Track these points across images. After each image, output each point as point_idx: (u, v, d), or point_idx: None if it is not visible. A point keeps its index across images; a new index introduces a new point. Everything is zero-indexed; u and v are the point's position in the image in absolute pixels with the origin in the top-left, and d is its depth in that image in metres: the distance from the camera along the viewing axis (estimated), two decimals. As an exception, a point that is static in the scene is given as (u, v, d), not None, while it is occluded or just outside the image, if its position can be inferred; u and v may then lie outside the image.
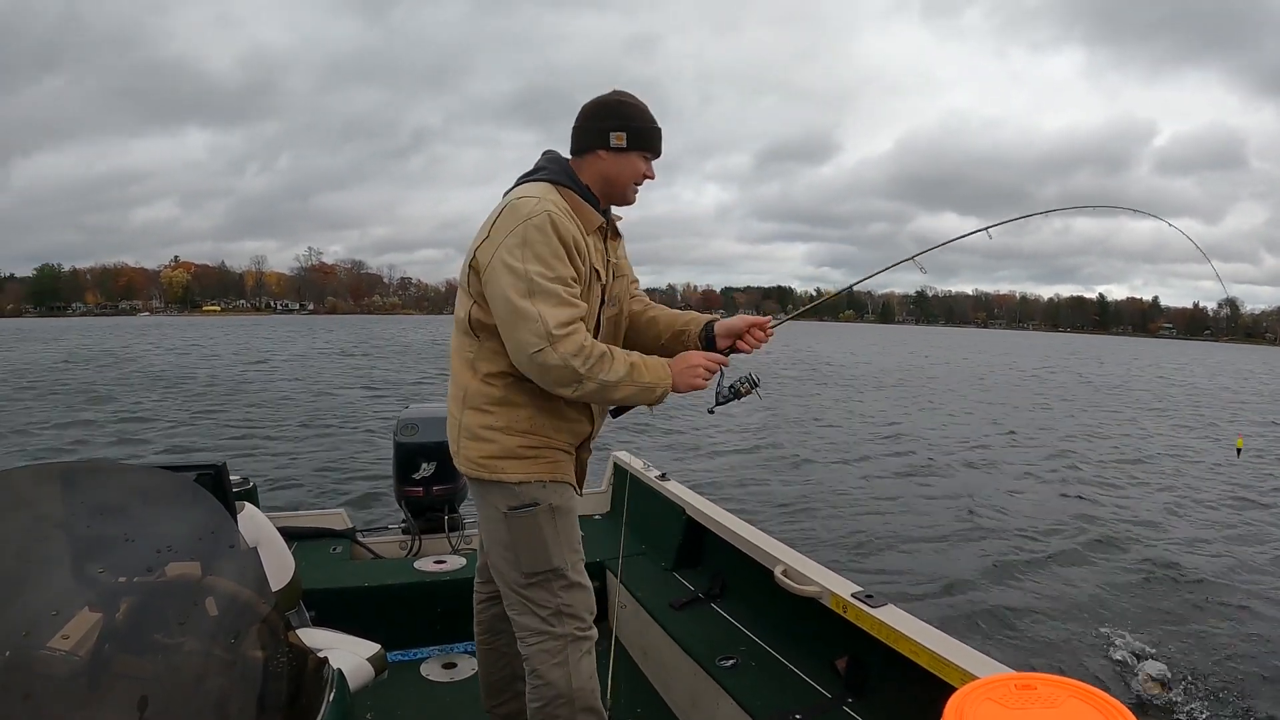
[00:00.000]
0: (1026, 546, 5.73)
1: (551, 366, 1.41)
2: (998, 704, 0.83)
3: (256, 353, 27.12)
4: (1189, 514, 6.95)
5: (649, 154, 1.58)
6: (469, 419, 1.54)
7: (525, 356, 1.42)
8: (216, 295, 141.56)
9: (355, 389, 15.62)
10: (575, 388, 1.43)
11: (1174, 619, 4.41)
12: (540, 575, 1.56)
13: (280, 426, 10.51)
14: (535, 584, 1.56)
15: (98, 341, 34.42)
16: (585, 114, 1.56)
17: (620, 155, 1.54)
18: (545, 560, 1.55)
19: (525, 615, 1.58)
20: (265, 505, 2.41)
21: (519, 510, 1.53)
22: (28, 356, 24.14)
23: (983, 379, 23.23)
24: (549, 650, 1.57)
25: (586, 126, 1.56)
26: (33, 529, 0.94)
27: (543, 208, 1.44)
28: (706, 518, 2.40)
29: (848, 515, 6.50)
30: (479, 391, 1.54)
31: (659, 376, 1.50)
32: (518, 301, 1.41)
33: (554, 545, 1.56)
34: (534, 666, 1.58)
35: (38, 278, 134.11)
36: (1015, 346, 59.58)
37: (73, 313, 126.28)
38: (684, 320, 1.75)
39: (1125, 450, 10.48)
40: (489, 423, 1.53)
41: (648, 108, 1.58)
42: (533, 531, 1.54)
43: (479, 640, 1.83)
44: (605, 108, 1.55)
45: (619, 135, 1.53)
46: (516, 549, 1.55)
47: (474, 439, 1.54)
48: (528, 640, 1.58)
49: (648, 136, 1.56)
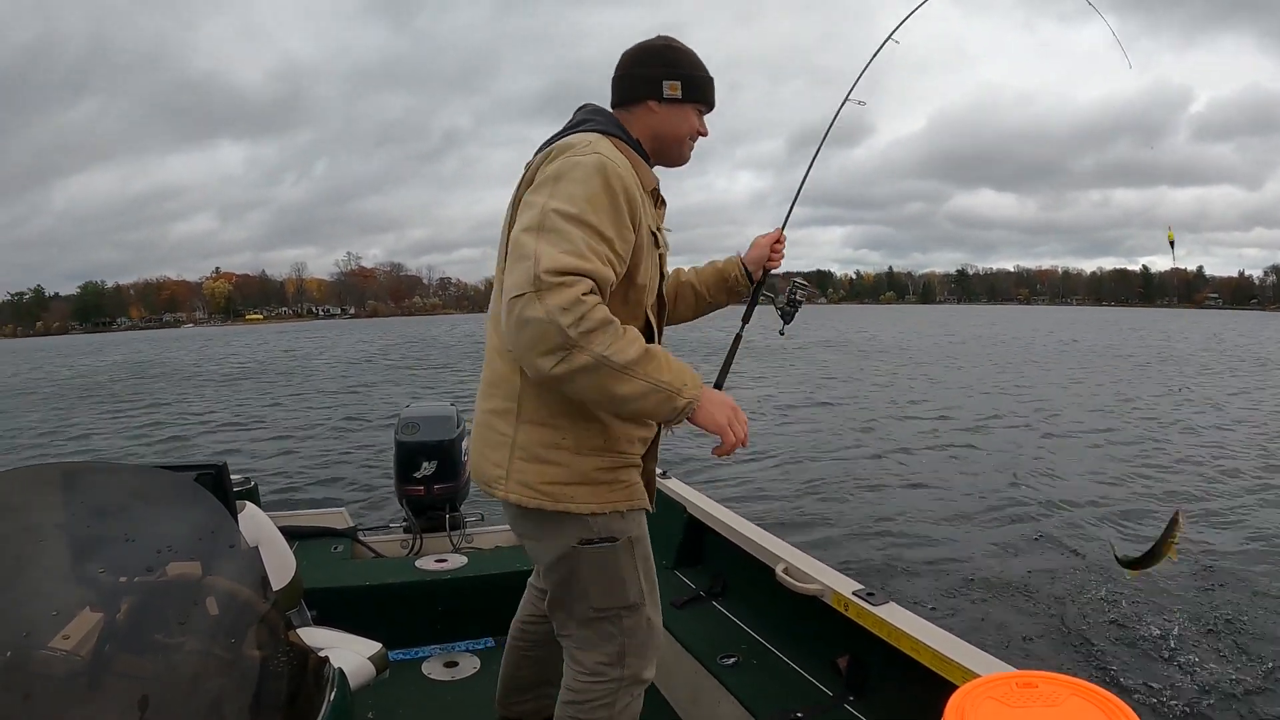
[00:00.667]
0: (1027, 544, 5.72)
1: (530, 320, 1.08)
2: (999, 702, 0.84)
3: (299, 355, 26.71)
4: (1208, 509, 6.92)
5: (704, 107, 1.40)
6: (526, 436, 1.27)
7: (504, 308, 1.13)
8: (258, 304, 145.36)
9: (357, 390, 15.64)
10: (559, 357, 1.09)
11: (1176, 618, 4.40)
12: (612, 611, 1.35)
13: (280, 426, 10.53)
14: (604, 619, 1.36)
15: (162, 353, 34.30)
16: (631, 60, 1.37)
17: (675, 107, 1.35)
18: (622, 596, 1.35)
19: (584, 650, 1.38)
20: (266, 505, 2.42)
21: (595, 546, 1.31)
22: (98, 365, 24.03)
23: (1001, 357, 23.26)
24: (598, 695, 1.37)
25: (634, 74, 1.36)
26: (33, 529, 0.94)
27: (595, 149, 1.21)
28: (707, 515, 2.40)
29: (848, 514, 6.50)
30: (539, 400, 1.26)
31: (684, 381, 1.18)
32: (519, 237, 1.15)
33: (631, 580, 1.35)
34: (576, 703, 1.39)
35: (82, 295, 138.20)
36: (1057, 323, 58.44)
37: (118, 327, 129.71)
38: (719, 268, 1.62)
39: (1153, 439, 10.33)
40: (555, 440, 1.27)
41: (698, 55, 1.39)
42: (609, 567, 1.33)
43: (515, 640, 1.66)
44: (654, 53, 1.36)
45: (673, 85, 1.34)
46: (586, 584, 1.34)
47: (534, 460, 1.27)
48: (579, 676, 1.39)
49: (703, 86, 1.38)
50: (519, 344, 1.12)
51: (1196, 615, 4.41)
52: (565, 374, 1.11)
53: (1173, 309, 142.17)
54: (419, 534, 2.90)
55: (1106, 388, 15.85)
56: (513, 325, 1.12)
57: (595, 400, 1.19)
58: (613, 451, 1.31)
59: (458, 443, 3.04)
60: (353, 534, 2.85)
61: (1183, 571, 5.16)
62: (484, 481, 1.34)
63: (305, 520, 2.87)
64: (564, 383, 1.14)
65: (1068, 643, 4.03)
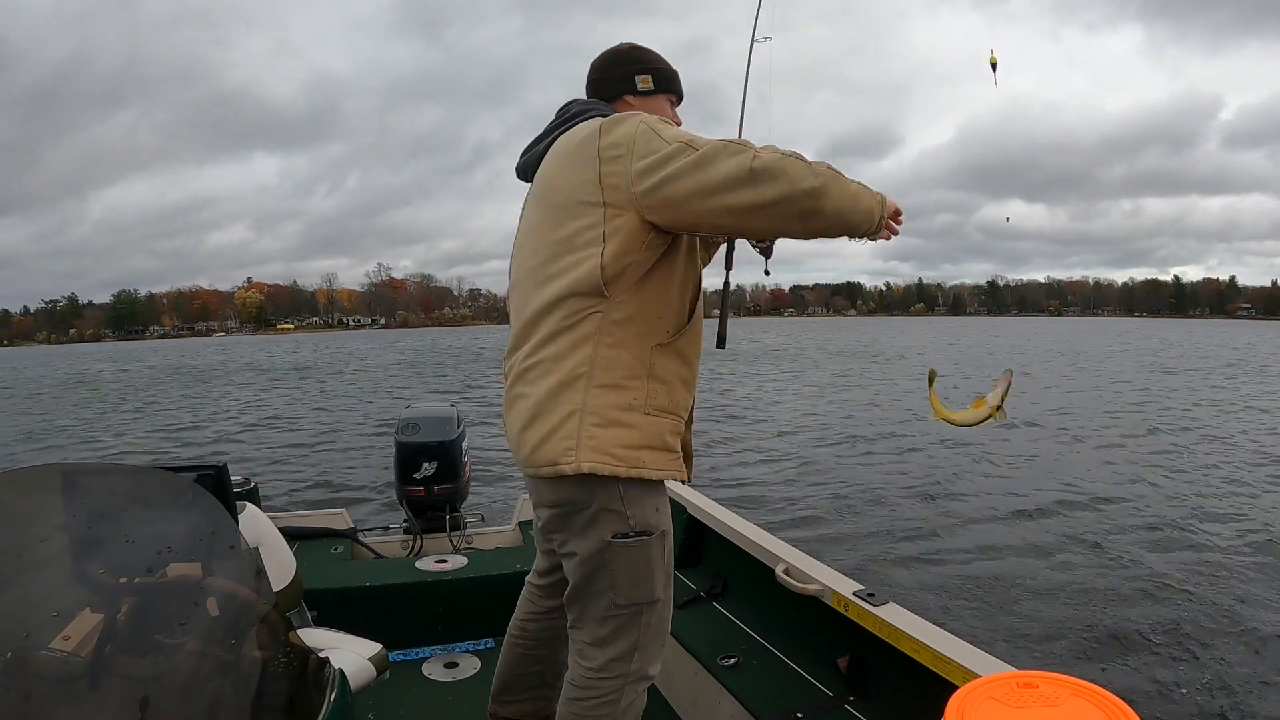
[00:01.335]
0: (1028, 544, 5.72)
1: (778, 159, 1.17)
2: (999, 702, 0.83)
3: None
4: (1208, 510, 6.92)
5: (674, 97, 1.52)
6: (599, 400, 1.27)
7: (744, 172, 1.17)
8: (290, 314, 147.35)
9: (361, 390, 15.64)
10: (812, 171, 1.18)
11: (1178, 617, 4.40)
12: (635, 606, 1.36)
13: (281, 425, 10.52)
14: (626, 613, 1.36)
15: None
16: (603, 64, 1.50)
17: (649, 98, 1.47)
18: (649, 591, 1.36)
19: (597, 645, 1.38)
20: (266, 505, 2.42)
21: (631, 539, 1.32)
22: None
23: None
24: (604, 691, 1.37)
25: (609, 74, 1.49)
26: (33, 530, 0.94)
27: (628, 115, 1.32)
28: (708, 515, 2.40)
29: (849, 513, 6.50)
30: (611, 364, 1.28)
31: (865, 190, 1.25)
32: (681, 151, 1.21)
33: (660, 575, 1.37)
34: (580, 699, 1.39)
35: (115, 303, 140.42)
36: (1080, 333, 58.01)
37: (150, 335, 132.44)
38: None
39: (1155, 442, 10.34)
40: (628, 401, 1.28)
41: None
42: (641, 561, 1.34)
43: (514, 638, 1.65)
44: (624, 54, 1.50)
45: (644, 78, 1.47)
46: (616, 577, 1.34)
47: (608, 424, 1.27)
48: (586, 671, 1.38)
49: (671, 77, 1.51)
50: (780, 185, 1.17)
51: (1197, 615, 4.40)
52: (819, 186, 1.18)
53: (1204, 319, 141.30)
54: (419, 534, 2.90)
55: (1110, 389, 15.84)
56: (767, 178, 1.16)
57: (834, 205, 1.21)
58: (674, 415, 1.35)
59: (458, 443, 3.04)
60: (353, 534, 2.86)
61: (1183, 572, 5.16)
62: (548, 462, 1.30)
63: (305, 521, 2.88)
64: (824, 200, 1.19)
65: (1068, 643, 4.03)
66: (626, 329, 1.29)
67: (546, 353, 1.32)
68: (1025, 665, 1.11)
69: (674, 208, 1.22)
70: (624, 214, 1.26)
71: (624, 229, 1.26)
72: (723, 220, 1.22)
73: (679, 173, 1.20)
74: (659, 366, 1.32)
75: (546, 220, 1.35)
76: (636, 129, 1.26)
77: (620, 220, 1.26)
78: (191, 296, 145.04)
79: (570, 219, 1.30)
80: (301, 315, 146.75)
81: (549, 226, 1.34)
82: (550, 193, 1.36)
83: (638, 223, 1.26)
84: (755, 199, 1.17)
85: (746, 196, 1.17)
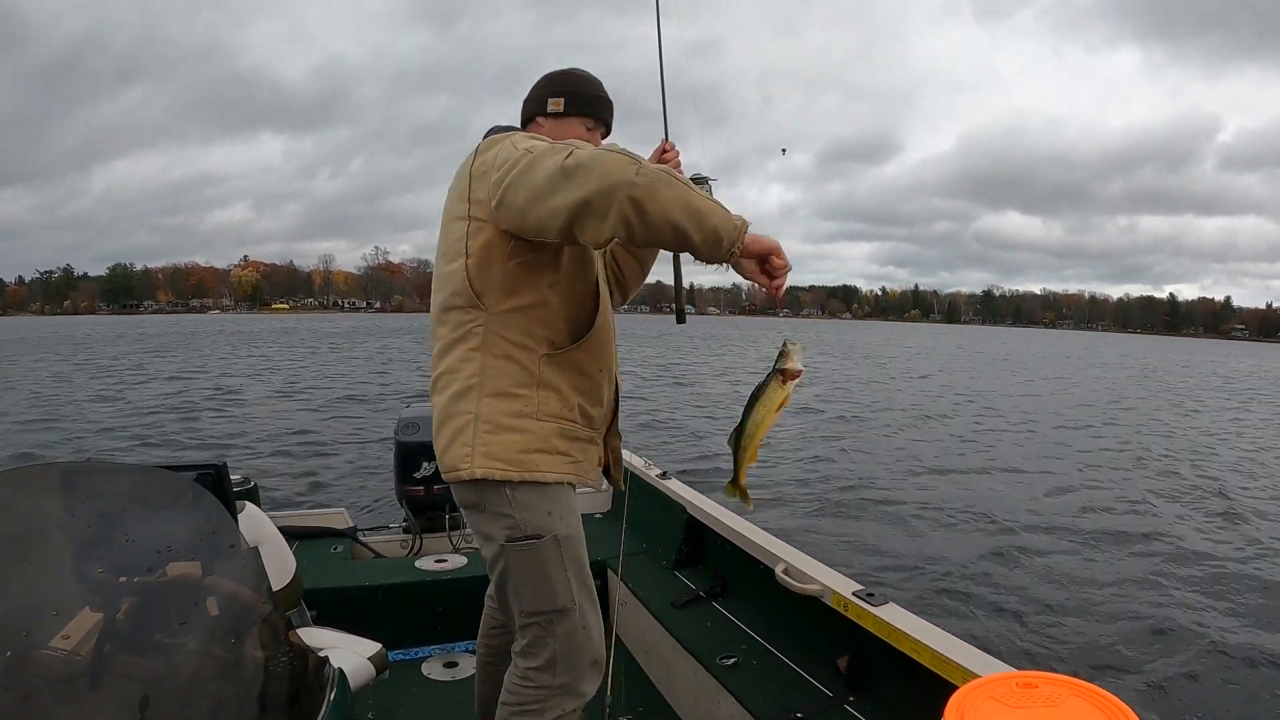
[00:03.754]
0: (1029, 543, 5.72)
1: (594, 153, 1.13)
2: (999, 702, 0.83)
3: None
4: (1204, 511, 6.93)
5: (590, 121, 1.51)
6: (490, 407, 1.32)
7: (557, 170, 1.14)
8: (285, 294, 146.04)
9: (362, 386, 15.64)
10: (637, 170, 1.10)
11: (1179, 617, 4.40)
12: (543, 615, 1.37)
13: (281, 425, 10.52)
14: (536, 623, 1.38)
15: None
16: (532, 87, 1.53)
17: (558, 121, 1.49)
18: (550, 599, 1.37)
19: (521, 655, 1.40)
20: (266, 504, 2.41)
21: (520, 543, 1.34)
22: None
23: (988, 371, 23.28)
24: (526, 699, 1.38)
25: (529, 97, 1.52)
26: (33, 529, 0.94)
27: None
28: (708, 516, 2.40)
29: (849, 515, 6.50)
30: (500, 373, 1.32)
31: (720, 209, 1.15)
32: (522, 157, 1.22)
33: (560, 583, 1.37)
34: (508, 704, 1.41)
35: (110, 276, 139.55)
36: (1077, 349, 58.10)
37: (144, 310, 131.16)
38: None
39: (1149, 449, 10.40)
40: (518, 408, 1.32)
41: (599, 81, 1.53)
42: (535, 567, 1.35)
43: (483, 657, 1.68)
44: (548, 78, 1.52)
45: (556, 101, 1.49)
46: (516, 584, 1.37)
47: (499, 430, 1.31)
48: (513, 676, 1.42)
49: (587, 102, 1.50)
50: (591, 180, 1.11)
51: (1197, 616, 4.41)
52: (647, 183, 1.09)
53: (1198, 339, 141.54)
54: (419, 534, 2.90)
55: (1107, 399, 15.85)
56: (579, 176, 1.12)
57: (677, 217, 1.11)
58: (569, 420, 1.38)
59: None
60: (353, 534, 2.85)
61: (1184, 572, 5.16)
62: (451, 468, 1.35)
63: (305, 520, 2.87)
64: (647, 199, 1.09)
65: (1068, 643, 4.03)
66: (510, 340, 1.33)
67: (445, 364, 1.38)
68: (1025, 665, 1.11)
69: (517, 215, 1.23)
70: (485, 226, 1.31)
71: (485, 241, 1.31)
72: (560, 222, 1.16)
73: (514, 180, 1.22)
74: (549, 376, 1.35)
75: (440, 235, 1.42)
76: (503, 144, 1.30)
77: (483, 234, 1.32)
78: (187, 273, 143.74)
79: (447, 234, 1.38)
80: (297, 295, 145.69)
81: (440, 241, 1.42)
82: (444, 210, 1.43)
83: (496, 234, 1.31)
84: (573, 197, 1.12)
85: (565, 196, 1.13)
